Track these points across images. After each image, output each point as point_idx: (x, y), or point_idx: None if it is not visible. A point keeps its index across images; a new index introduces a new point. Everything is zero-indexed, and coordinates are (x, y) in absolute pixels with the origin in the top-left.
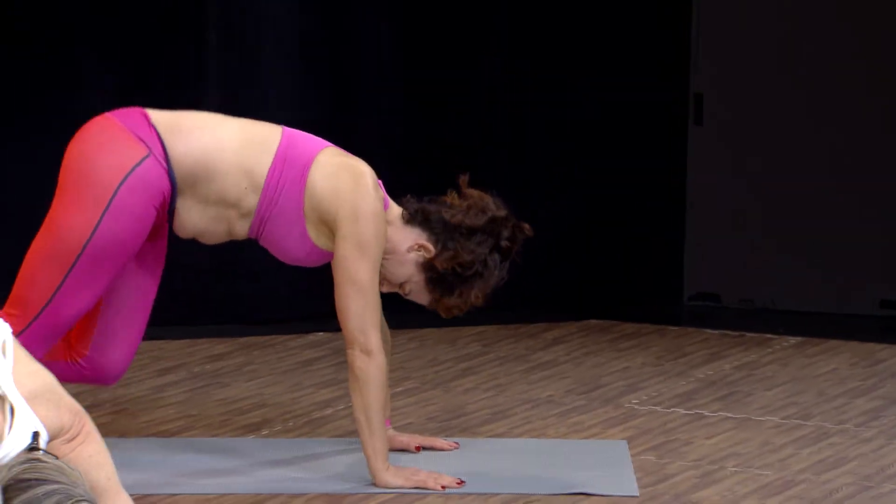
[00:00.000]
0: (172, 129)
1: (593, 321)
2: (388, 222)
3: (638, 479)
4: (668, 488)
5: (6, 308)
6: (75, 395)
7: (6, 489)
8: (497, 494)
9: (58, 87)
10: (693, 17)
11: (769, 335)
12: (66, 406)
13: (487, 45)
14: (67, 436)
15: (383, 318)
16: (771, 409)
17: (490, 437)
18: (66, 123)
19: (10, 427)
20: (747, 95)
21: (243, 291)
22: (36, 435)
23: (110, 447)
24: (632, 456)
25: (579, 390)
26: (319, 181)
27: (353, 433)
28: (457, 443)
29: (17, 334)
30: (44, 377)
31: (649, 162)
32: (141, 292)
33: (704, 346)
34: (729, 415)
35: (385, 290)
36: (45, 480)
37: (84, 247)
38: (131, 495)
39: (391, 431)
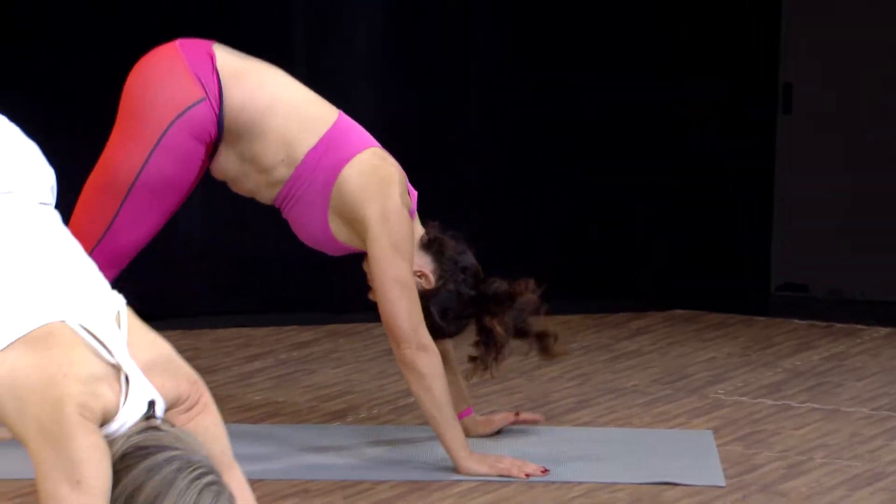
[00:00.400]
0: (235, 77)
1: (678, 311)
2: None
3: (724, 470)
4: (755, 479)
5: None
6: None
7: (124, 457)
8: (581, 483)
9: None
10: (782, 6)
11: (859, 326)
12: (183, 375)
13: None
14: (184, 405)
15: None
16: (860, 400)
17: (574, 425)
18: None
19: (126, 397)
20: (838, 84)
21: (330, 280)
22: (152, 404)
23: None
24: (718, 446)
25: (665, 380)
26: (351, 178)
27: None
28: (541, 416)
29: None
30: (161, 346)
31: (738, 151)
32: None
33: (792, 337)
34: (817, 406)
35: (373, 297)
36: (164, 447)
37: (134, 181)
38: None
39: (479, 417)
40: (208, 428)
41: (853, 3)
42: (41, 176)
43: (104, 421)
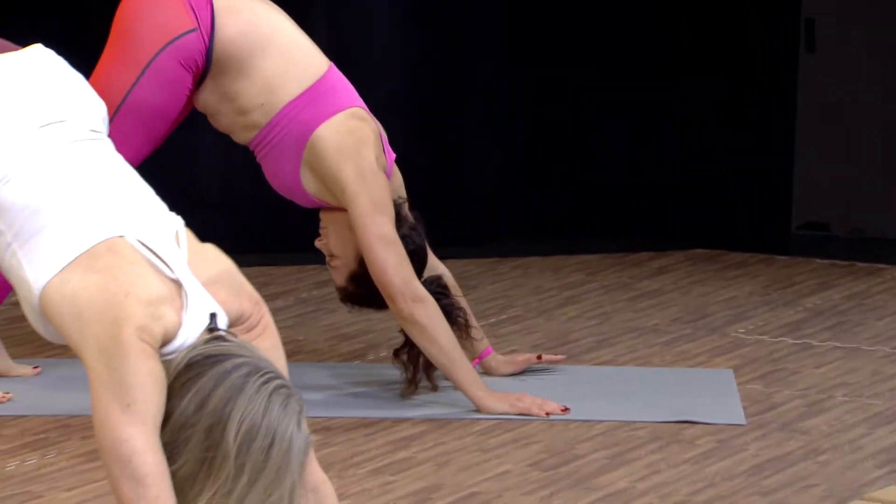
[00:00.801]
0: (230, 11)
1: (699, 250)
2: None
3: (745, 408)
4: (776, 417)
5: None
6: None
7: (191, 366)
8: (602, 421)
9: None
10: None
11: (880, 265)
12: (246, 294)
13: None
14: (245, 325)
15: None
16: (881, 339)
17: (594, 364)
18: None
19: (186, 312)
20: (859, 21)
21: None
22: (213, 316)
23: None
24: (738, 385)
25: (685, 319)
26: (326, 137)
27: None
28: (563, 357)
29: None
30: (223, 263)
31: (759, 90)
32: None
33: (813, 276)
34: (838, 344)
35: (319, 245)
36: (230, 355)
37: (121, 103)
38: None
39: (501, 357)
40: (268, 350)
41: None
42: (93, 106)
43: (165, 341)
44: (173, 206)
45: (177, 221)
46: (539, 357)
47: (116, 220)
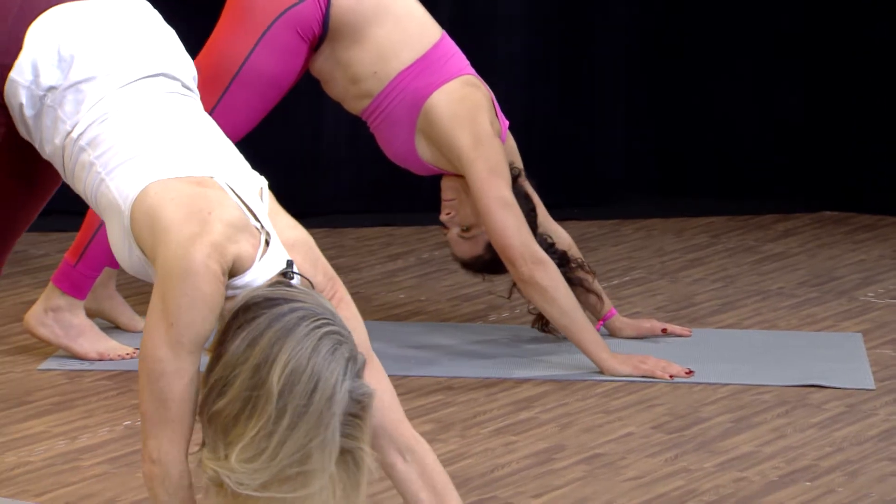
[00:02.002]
0: None
1: (827, 213)
2: None
3: (874, 373)
4: None
5: None
6: None
7: (250, 307)
8: (726, 385)
9: None
10: None
11: None
12: (321, 266)
13: None
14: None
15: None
16: None
17: (719, 327)
18: None
19: (263, 255)
20: None
21: None
22: (290, 262)
23: None
24: (867, 349)
25: (812, 282)
26: (439, 104)
27: None
28: (690, 331)
29: None
30: (302, 232)
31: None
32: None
33: None
34: None
35: (443, 218)
36: (290, 299)
37: (237, 72)
38: None
39: (625, 319)
40: (347, 319)
41: None
42: (186, 65)
43: (236, 271)
44: (296, 167)
45: (261, 180)
46: (664, 330)
47: (207, 164)
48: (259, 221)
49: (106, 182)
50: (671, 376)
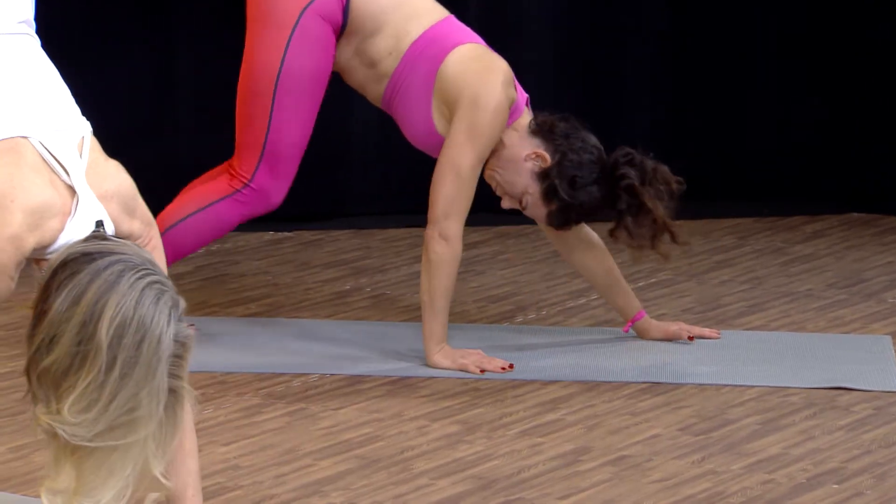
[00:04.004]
0: None
1: (855, 214)
2: (514, 129)
3: None
4: None
5: (236, 153)
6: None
7: (67, 264)
8: (754, 387)
9: None
10: None
11: None
12: (140, 214)
13: None
14: (136, 243)
15: (591, 230)
16: None
17: (746, 329)
18: None
19: (72, 218)
20: None
21: None
22: (100, 223)
23: (374, 329)
24: (895, 352)
25: (840, 284)
26: (452, 64)
27: (606, 322)
28: (719, 333)
29: (253, 174)
30: (122, 180)
31: None
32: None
33: None
34: None
35: (506, 205)
36: (107, 253)
37: (277, 80)
38: (388, 376)
39: (653, 322)
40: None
41: None
42: (16, 4)
43: (46, 243)
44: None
45: (85, 127)
46: (690, 338)
47: (25, 121)
48: (73, 181)
49: None
50: (482, 371)
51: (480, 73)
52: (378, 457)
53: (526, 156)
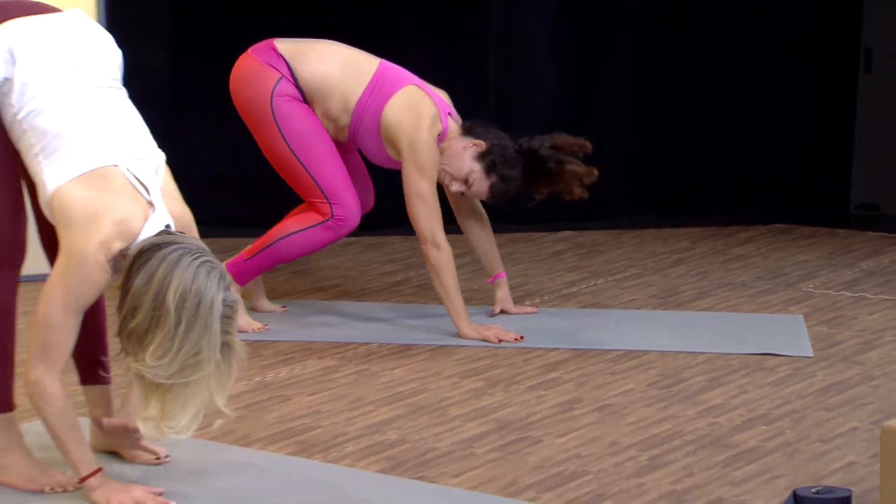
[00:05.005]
0: (296, 57)
1: (778, 225)
2: (448, 139)
3: (812, 345)
4: (837, 352)
5: (309, 202)
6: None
7: (143, 252)
8: (703, 353)
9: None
10: None
11: None
12: (193, 232)
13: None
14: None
15: (480, 205)
16: None
17: (697, 310)
18: None
19: (149, 221)
20: None
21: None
22: (167, 225)
23: (419, 310)
24: (808, 327)
25: (766, 277)
26: (389, 114)
27: (592, 305)
28: (537, 308)
29: (331, 210)
30: (186, 211)
31: (824, 108)
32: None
33: (867, 245)
34: (887, 297)
35: (455, 189)
36: (172, 243)
37: (292, 150)
38: (430, 345)
39: (505, 287)
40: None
41: None
42: (114, 60)
43: (126, 244)
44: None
45: (160, 156)
46: (521, 338)
47: (116, 152)
48: (149, 195)
49: (41, 164)
50: (500, 341)
51: (412, 123)
52: (422, 405)
53: (464, 146)
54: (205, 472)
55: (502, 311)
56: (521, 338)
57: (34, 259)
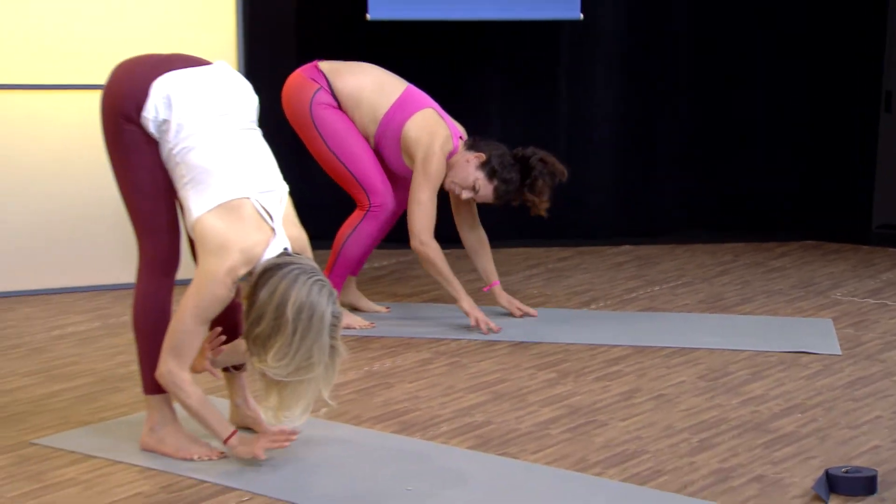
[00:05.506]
0: (334, 73)
1: (809, 242)
2: (457, 154)
3: (840, 345)
4: (862, 351)
5: (354, 197)
6: None
7: (266, 270)
8: (745, 350)
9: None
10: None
11: None
12: (308, 253)
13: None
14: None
15: (480, 226)
16: None
17: (740, 314)
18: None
19: (270, 246)
20: None
21: (579, 214)
22: (286, 249)
23: (499, 311)
24: (836, 329)
25: (800, 286)
26: (410, 131)
27: (649, 309)
28: (536, 312)
29: (369, 199)
30: (302, 234)
31: (845, 145)
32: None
33: (888, 259)
34: None
35: (466, 196)
36: (290, 263)
37: (332, 151)
38: (510, 341)
39: (503, 293)
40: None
41: None
42: (252, 105)
43: (250, 266)
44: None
45: (284, 189)
46: (520, 315)
47: (248, 186)
48: (272, 222)
49: (189, 192)
50: (482, 325)
51: (428, 139)
52: (504, 392)
53: (467, 159)
54: (318, 441)
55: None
56: (499, 329)
57: (187, 266)
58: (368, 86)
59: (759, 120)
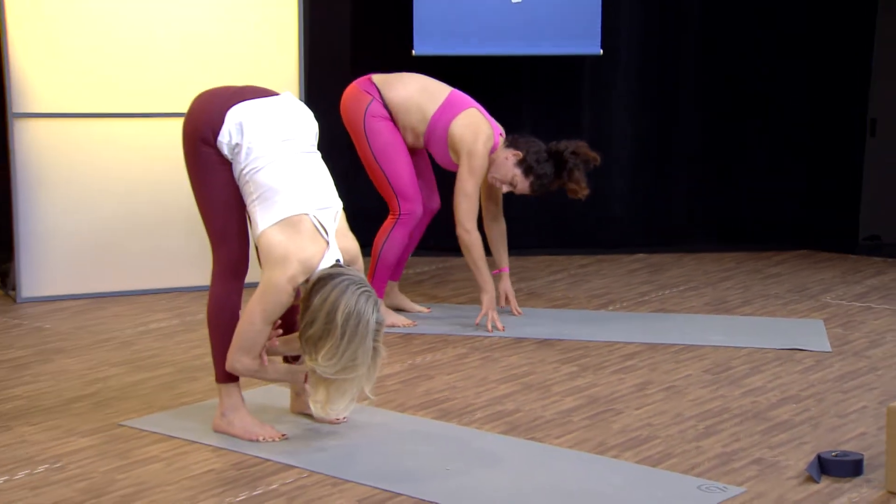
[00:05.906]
0: (385, 84)
1: (803, 250)
2: (497, 152)
3: (830, 343)
4: (850, 348)
5: (388, 203)
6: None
7: (319, 280)
8: (745, 348)
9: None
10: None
11: None
12: (358, 264)
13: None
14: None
15: (503, 219)
16: None
17: (741, 315)
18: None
19: (324, 258)
20: None
21: (598, 226)
22: (338, 261)
23: (528, 311)
24: (827, 328)
25: (794, 290)
26: (455, 130)
27: (661, 310)
28: (520, 312)
29: (399, 207)
30: (354, 244)
31: (834, 165)
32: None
33: (873, 267)
34: (888, 307)
35: (505, 189)
36: (341, 275)
37: (376, 160)
38: (536, 338)
39: (507, 280)
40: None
41: None
42: (313, 130)
43: (307, 275)
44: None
45: (339, 204)
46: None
47: (308, 203)
48: (327, 236)
49: (256, 209)
50: (490, 322)
51: (472, 137)
52: (531, 383)
53: (506, 157)
54: (367, 425)
55: (506, 301)
56: (503, 328)
57: (254, 271)
58: (416, 93)
59: (763, 142)
